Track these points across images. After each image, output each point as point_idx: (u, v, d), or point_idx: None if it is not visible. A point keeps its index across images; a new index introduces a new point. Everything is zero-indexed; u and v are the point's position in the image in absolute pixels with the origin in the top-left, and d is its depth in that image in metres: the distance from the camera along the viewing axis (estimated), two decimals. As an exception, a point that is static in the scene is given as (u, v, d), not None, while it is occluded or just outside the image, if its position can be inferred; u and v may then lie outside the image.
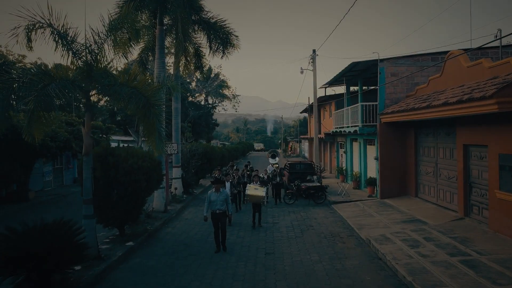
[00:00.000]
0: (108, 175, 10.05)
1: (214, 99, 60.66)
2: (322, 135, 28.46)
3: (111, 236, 11.27)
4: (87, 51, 8.78)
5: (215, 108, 60.27)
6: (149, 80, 8.55)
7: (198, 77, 55.57)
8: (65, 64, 8.81)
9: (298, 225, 13.17)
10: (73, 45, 8.65)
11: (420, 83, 16.61)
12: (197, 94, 57.93)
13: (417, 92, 15.60)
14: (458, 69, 12.31)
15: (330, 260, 9.28)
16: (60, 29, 8.43)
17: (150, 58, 18.27)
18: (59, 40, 8.45)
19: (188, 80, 53.63)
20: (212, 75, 56.65)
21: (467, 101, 9.52)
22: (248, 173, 16.78)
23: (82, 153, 9.01)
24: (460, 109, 10.11)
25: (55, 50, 8.53)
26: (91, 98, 8.98)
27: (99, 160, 10.10)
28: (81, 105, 42.56)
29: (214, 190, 9.79)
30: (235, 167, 18.20)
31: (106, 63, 9.25)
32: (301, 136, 55.00)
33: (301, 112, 48.56)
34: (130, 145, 14.02)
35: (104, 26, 9.08)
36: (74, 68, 8.92)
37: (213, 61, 74.07)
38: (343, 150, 24.65)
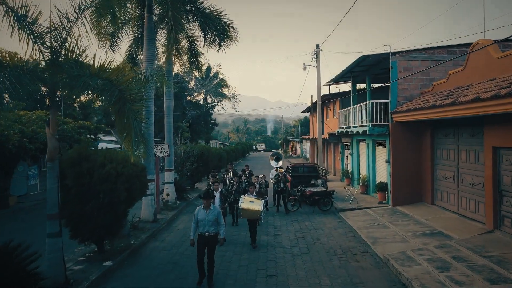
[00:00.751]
0: (82, 184, 8.58)
1: (213, 98, 59.04)
2: (326, 136, 26.97)
3: (88, 253, 9.76)
4: (51, 35, 7.27)
5: (214, 108, 58.69)
6: (127, 70, 7.00)
7: (197, 75, 54.12)
8: (24, 51, 7.26)
9: (303, 237, 11.66)
10: (34, 27, 7.13)
11: (436, 79, 15.11)
12: (195, 93, 56.43)
13: (434, 88, 14.09)
14: (486, 61, 10.79)
15: (343, 285, 7.78)
16: (16, 8, 6.91)
17: (141, 53, 16.81)
18: (16, 23, 6.93)
19: (186, 79, 52.16)
20: (211, 74, 55.07)
21: (506, 96, 8.01)
22: (248, 178, 15.01)
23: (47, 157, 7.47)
24: (496, 105, 8.59)
25: (11, 35, 7.03)
26: (57, 91, 7.45)
27: (71, 166, 8.63)
28: (75, 104, 41.12)
29: (203, 206, 7.79)
30: (230, 171, 16.40)
31: (79, 51, 7.71)
32: (303, 137, 53.49)
33: (302, 112, 47.04)
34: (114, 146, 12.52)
35: (73, 6, 7.57)
36: (38, 56, 7.41)
37: (208, 54, 72.53)
38: (349, 151, 23.13)
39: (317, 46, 22.89)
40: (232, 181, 14.57)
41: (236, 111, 64.31)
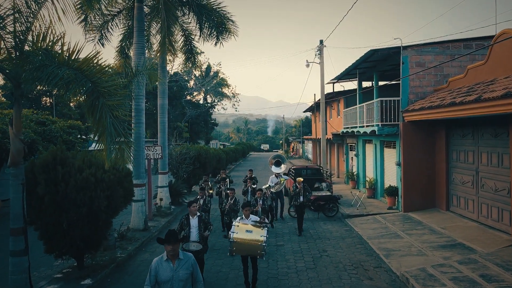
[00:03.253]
0: (56, 191, 7.49)
1: (213, 98, 57.89)
2: (330, 136, 25.85)
3: (66, 268, 8.66)
4: (14, 18, 6.17)
5: (214, 107, 57.56)
6: (99, 59, 5.87)
7: (197, 74, 53.01)
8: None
9: (308, 249, 10.54)
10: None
11: (451, 75, 14.02)
12: (195, 93, 55.32)
13: (450, 85, 12.97)
14: (513, 53, 9.66)
15: (357, 311, 6.66)
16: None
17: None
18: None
19: (186, 78, 51.06)
20: (211, 73, 53.91)
21: (547, 91, 6.89)
22: (254, 186, 12.03)
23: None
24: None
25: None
26: (21, 84, 6.33)
27: (44, 171, 7.55)
28: (71, 103, 39.94)
29: (165, 256, 4.59)
30: (229, 179, 13.74)
31: (53, 38, 6.60)
32: (305, 137, 52.37)
33: (304, 111, 45.95)
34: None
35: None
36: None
37: (208, 53, 71.49)
38: (354, 152, 22.01)
39: (321, 41, 21.78)
40: (220, 189, 12.51)
41: (236, 110, 63.23)
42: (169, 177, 18.91)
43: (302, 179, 12.67)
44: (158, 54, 13.13)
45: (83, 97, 5.97)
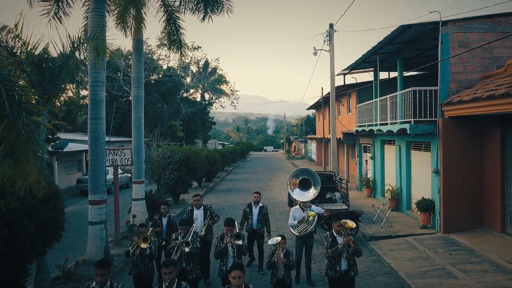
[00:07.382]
0: None
1: (211, 95, 54.69)
2: (339, 135, 22.80)
3: None
4: None
5: (212, 105, 54.36)
6: None
7: (194, 71, 49.89)
8: None
9: (326, 294, 7.48)
10: None
11: (504, 58, 11.00)
12: (192, 90, 52.21)
13: (509, 69, 9.91)
14: None
15: None
16: None
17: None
18: None
19: (182, 74, 47.98)
20: (209, 69, 50.74)
21: None
22: (239, 242, 6.37)
23: None
24: None
25: None
26: None
27: None
28: (56, 100, 36.77)
29: None
30: (209, 211, 7.87)
31: None
32: (308, 136, 49.33)
33: (308, 108, 42.91)
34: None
35: None
36: None
37: (201, 43, 68.22)
38: (369, 155, 18.95)
39: (331, 25, 18.70)
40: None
41: (235, 109, 60.12)
42: (150, 185, 15.92)
43: (353, 225, 6.39)
44: (117, 21, 10.04)
45: None
